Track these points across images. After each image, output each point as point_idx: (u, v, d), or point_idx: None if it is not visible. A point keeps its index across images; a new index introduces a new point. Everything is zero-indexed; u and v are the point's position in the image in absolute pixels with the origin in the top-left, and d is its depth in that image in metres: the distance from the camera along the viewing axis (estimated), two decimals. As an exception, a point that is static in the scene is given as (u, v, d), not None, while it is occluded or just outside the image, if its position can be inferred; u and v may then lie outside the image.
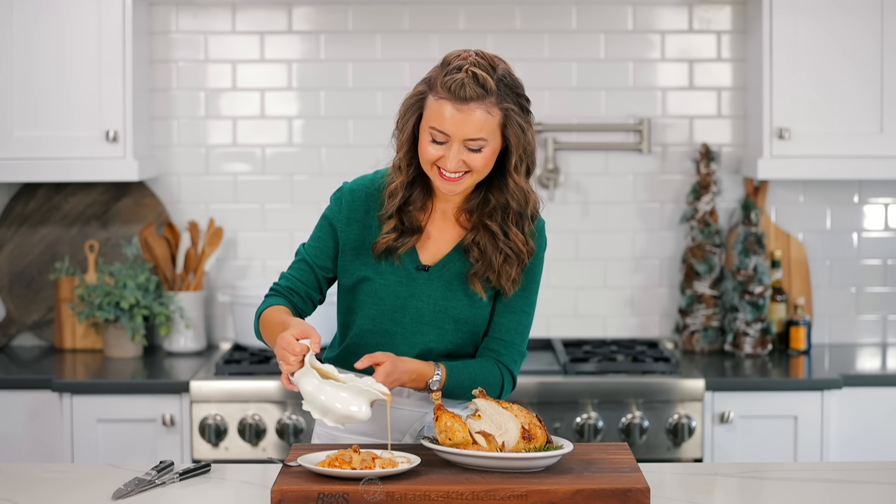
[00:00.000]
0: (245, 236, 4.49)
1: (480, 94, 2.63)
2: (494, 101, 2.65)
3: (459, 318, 2.79)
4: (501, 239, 2.75)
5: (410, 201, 2.77)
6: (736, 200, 4.50)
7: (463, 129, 2.64)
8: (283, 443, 3.88)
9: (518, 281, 2.78)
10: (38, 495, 2.59)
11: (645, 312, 4.52)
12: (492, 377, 2.80)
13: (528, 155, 2.72)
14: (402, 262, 2.78)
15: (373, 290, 2.79)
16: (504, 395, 2.84)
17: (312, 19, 4.45)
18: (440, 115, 2.64)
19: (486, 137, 2.65)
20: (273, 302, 2.82)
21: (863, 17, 4.14)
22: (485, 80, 2.63)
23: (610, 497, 2.45)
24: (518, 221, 2.76)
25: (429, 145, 2.67)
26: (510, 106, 2.66)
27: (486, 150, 2.66)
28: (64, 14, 4.10)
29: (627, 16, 4.46)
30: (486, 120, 2.64)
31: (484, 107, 2.64)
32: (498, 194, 2.74)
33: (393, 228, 2.76)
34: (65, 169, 4.15)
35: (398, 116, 2.75)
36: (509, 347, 2.82)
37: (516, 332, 2.82)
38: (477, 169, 2.68)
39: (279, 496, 2.44)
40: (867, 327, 4.53)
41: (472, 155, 2.66)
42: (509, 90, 2.67)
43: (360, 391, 2.56)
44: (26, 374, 4.07)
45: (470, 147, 2.65)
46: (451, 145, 2.65)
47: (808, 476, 2.77)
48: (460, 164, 2.66)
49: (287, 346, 2.56)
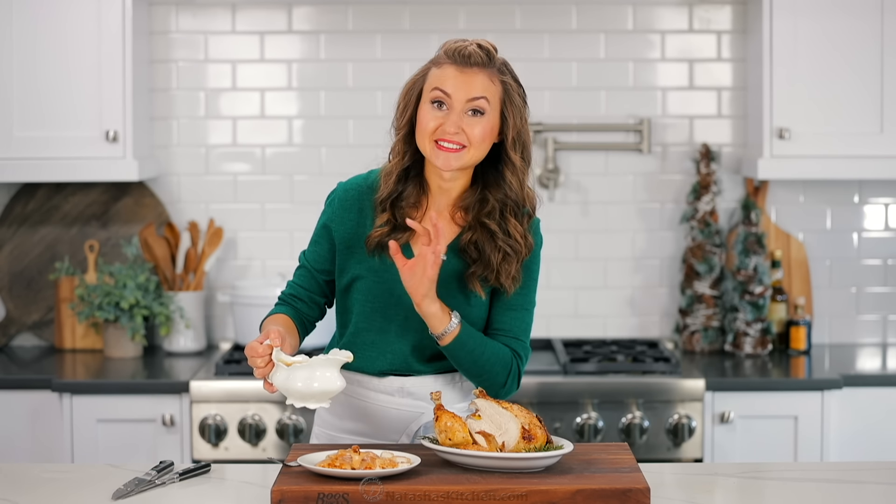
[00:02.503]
0: (245, 236, 4.49)
1: (485, 60, 2.69)
2: (496, 72, 2.71)
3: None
4: (500, 237, 2.75)
5: (403, 196, 2.78)
6: (736, 200, 4.50)
7: (466, 88, 2.67)
8: (283, 443, 3.88)
9: (518, 278, 2.77)
10: (38, 495, 2.59)
11: (645, 312, 4.52)
12: (503, 354, 2.76)
13: (523, 141, 2.74)
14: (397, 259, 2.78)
15: (366, 288, 2.79)
16: (510, 386, 2.78)
17: (312, 19, 4.45)
18: (443, 77, 2.69)
19: (488, 99, 2.68)
20: (272, 311, 2.86)
21: (863, 17, 4.14)
22: (489, 51, 2.70)
23: (610, 497, 2.45)
24: (517, 214, 2.76)
25: (429, 112, 2.68)
26: (509, 82, 2.71)
27: (485, 119, 2.68)
28: (64, 14, 4.10)
29: (627, 16, 4.46)
30: (488, 84, 2.69)
31: (487, 73, 2.69)
32: (496, 190, 2.75)
33: (386, 222, 2.77)
34: (65, 169, 4.15)
35: (399, 99, 2.77)
36: (516, 343, 2.81)
37: (520, 330, 2.81)
38: (474, 142, 2.68)
39: (279, 496, 2.44)
40: (867, 327, 4.53)
41: (471, 122, 2.67)
42: (509, 73, 2.74)
43: (326, 362, 2.59)
44: (26, 374, 4.07)
45: (473, 108, 2.67)
46: (451, 110, 2.67)
47: (808, 476, 2.77)
48: (460, 132, 2.67)
49: (252, 353, 2.60)
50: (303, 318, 2.87)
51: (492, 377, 2.76)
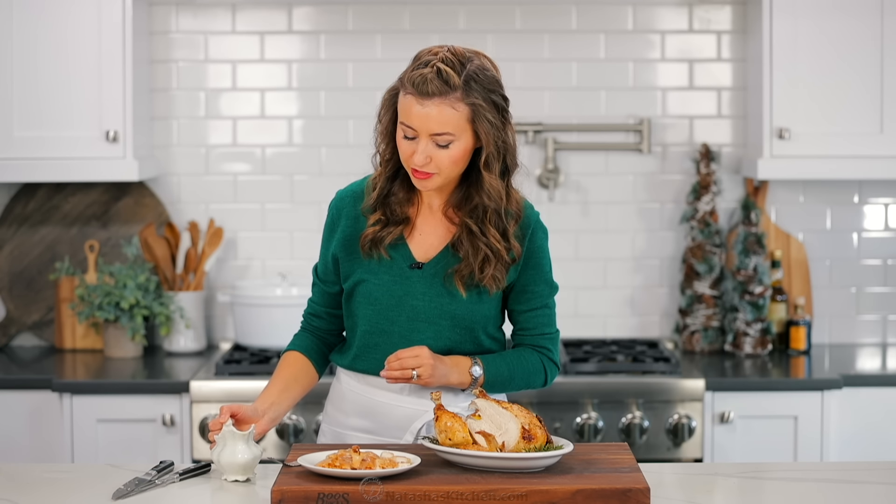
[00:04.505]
0: (245, 236, 4.49)
1: (443, 89, 2.64)
2: (459, 96, 2.65)
3: (456, 315, 2.79)
4: (480, 238, 2.75)
5: (392, 193, 2.79)
6: (736, 200, 4.50)
7: (427, 123, 2.65)
8: (283, 443, 3.88)
9: (501, 280, 2.78)
10: (38, 495, 2.59)
11: (645, 312, 4.52)
12: (531, 364, 2.84)
13: (502, 152, 2.71)
14: (395, 259, 2.78)
15: (368, 291, 2.80)
16: (550, 379, 2.86)
17: (312, 19, 4.45)
18: (408, 110, 2.67)
19: (452, 132, 2.66)
20: (291, 347, 2.91)
21: (862, 17, 4.14)
22: (448, 75, 2.64)
23: (610, 497, 2.45)
24: (496, 221, 2.76)
25: (402, 142, 2.70)
26: (478, 102, 2.66)
27: (454, 146, 2.67)
28: (64, 14, 4.10)
29: (627, 16, 4.46)
30: (450, 115, 2.65)
31: (448, 102, 2.65)
32: (478, 191, 2.75)
33: (377, 221, 2.79)
34: (65, 169, 4.15)
35: (378, 111, 2.79)
36: (543, 339, 2.86)
37: (545, 324, 2.86)
38: (443, 169, 2.68)
39: (279, 496, 2.44)
40: (867, 327, 4.53)
41: (439, 151, 2.67)
42: (480, 86, 2.67)
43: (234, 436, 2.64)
44: (26, 374, 4.07)
45: (438, 143, 2.66)
46: (419, 140, 2.67)
47: (808, 476, 2.77)
48: (427, 161, 2.67)
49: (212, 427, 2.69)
50: (324, 340, 2.92)
51: (530, 386, 2.87)
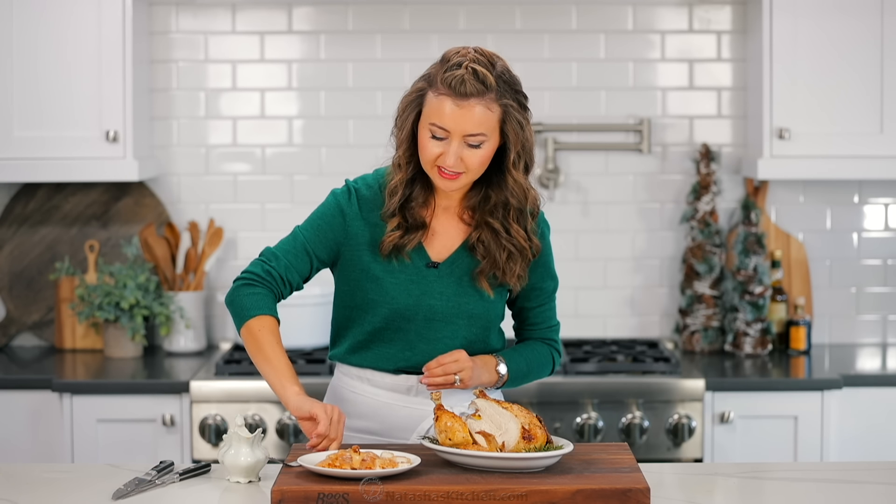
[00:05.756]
0: (245, 236, 4.49)
1: (480, 90, 2.65)
2: (494, 97, 2.67)
3: (473, 314, 2.81)
4: (504, 236, 2.77)
5: (412, 198, 2.79)
6: (736, 200, 4.50)
7: (463, 124, 2.65)
8: (283, 443, 3.88)
9: (524, 277, 2.81)
10: (38, 495, 2.59)
11: (645, 312, 4.52)
12: (543, 357, 2.93)
13: (527, 151, 2.74)
14: (412, 259, 2.79)
15: (384, 290, 2.79)
16: (556, 368, 2.95)
17: (312, 19, 4.45)
18: (440, 111, 2.66)
19: (486, 133, 2.67)
20: (262, 305, 2.78)
21: (862, 17, 4.14)
22: (485, 76, 2.65)
23: (610, 497, 2.45)
24: (519, 218, 2.78)
25: (429, 142, 2.69)
26: (509, 102, 2.69)
27: (484, 146, 2.68)
28: (64, 14, 4.10)
29: (627, 16, 4.46)
30: (485, 116, 2.66)
31: (484, 103, 2.66)
32: (497, 191, 2.76)
33: (397, 226, 2.78)
34: (65, 169, 4.15)
35: (397, 114, 2.77)
36: (550, 331, 2.94)
37: (550, 317, 2.94)
38: (472, 168, 2.70)
39: (279, 496, 2.44)
40: (867, 327, 4.53)
41: (470, 152, 2.68)
42: (508, 87, 2.69)
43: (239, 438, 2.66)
44: (26, 374, 4.07)
45: (469, 143, 2.67)
46: (450, 141, 2.67)
47: (808, 476, 2.77)
48: (458, 161, 2.67)
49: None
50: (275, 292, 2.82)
51: (540, 377, 2.95)
